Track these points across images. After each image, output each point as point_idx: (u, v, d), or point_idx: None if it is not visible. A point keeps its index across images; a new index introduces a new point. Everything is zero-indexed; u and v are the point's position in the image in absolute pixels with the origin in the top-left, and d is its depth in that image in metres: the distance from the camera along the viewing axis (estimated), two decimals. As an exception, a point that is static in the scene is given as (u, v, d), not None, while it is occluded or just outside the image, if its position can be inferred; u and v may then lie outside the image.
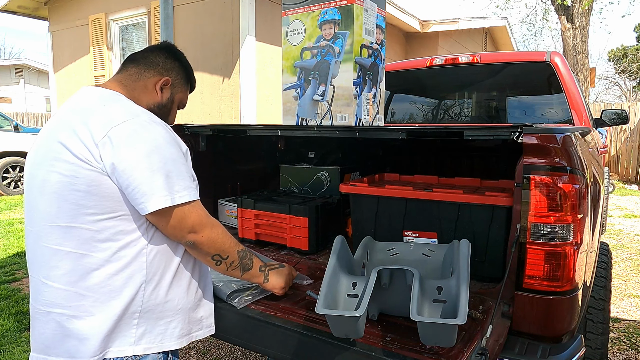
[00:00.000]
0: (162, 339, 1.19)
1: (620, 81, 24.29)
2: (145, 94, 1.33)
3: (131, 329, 1.14)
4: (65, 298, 1.12)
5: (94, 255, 1.11)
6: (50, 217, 1.12)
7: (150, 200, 1.08)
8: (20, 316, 3.04)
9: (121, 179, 1.08)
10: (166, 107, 1.39)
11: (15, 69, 25.03)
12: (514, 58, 3.41)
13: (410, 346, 1.19)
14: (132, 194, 1.09)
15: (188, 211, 1.14)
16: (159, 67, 1.35)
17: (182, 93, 1.44)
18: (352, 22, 1.75)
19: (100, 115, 1.12)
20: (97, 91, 1.24)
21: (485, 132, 1.42)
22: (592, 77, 10.70)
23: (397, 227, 1.86)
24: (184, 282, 1.24)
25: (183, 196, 1.13)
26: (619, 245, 5.02)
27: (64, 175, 1.09)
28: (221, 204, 2.44)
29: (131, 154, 1.08)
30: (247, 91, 6.04)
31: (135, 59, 1.35)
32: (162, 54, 1.37)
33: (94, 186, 1.08)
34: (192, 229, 1.16)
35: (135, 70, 1.32)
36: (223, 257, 1.25)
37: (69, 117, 1.15)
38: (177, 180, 1.13)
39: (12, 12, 8.74)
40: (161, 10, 3.88)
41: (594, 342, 1.77)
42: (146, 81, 1.33)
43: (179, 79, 1.41)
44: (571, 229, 1.26)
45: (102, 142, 1.08)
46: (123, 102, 1.20)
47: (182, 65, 1.42)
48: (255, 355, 2.65)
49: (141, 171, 1.08)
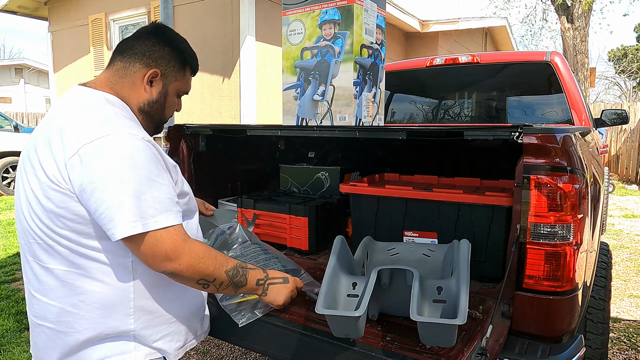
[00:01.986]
0: (159, 351, 1.15)
1: (620, 81, 24.29)
2: (133, 92, 1.19)
3: (126, 343, 1.10)
4: (53, 313, 1.09)
5: (78, 272, 1.06)
6: (32, 234, 1.08)
7: (118, 226, 0.97)
8: (20, 316, 3.04)
9: (89, 202, 0.99)
10: (159, 103, 1.24)
11: (15, 69, 25.01)
12: (514, 58, 3.41)
13: (410, 346, 1.19)
14: (100, 218, 0.99)
15: (161, 237, 1.01)
16: (144, 57, 1.19)
17: (178, 81, 1.27)
18: (352, 22, 1.75)
19: (76, 129, 1.02)
20: (86, 94, 1.14)
21: (485, 132, 1.42)
22: (592, 77, 10.69)
23: (397, 227, 1.86)
24: (176, 294, 1.19)
25: (157, 221, 1.00)
26: (619, 245, 5.02)
27: (39, 195, 1.04)
28: (221, 204, 2.44)
29: (100, 174, 0.98)
30: (247, 91, 6.04)
31: (121, 49, 1.21)
32: (149, 41, 1.20)
33: (64, 208, 1.01)
34: (167, 257, 1.02)
35: (121, 65, 1.19)
36: (209, 280, 1.12)
37: (52, 125, 1.07)
38: (151, 203, 1.00)
39: (12, 12, 8.74)
40: (161, 10, 3.88)
41: (594, 342, 1.77)
42: (133, 76, 1.19)
43: (171, 66, 1.23)
44: (571, 229, 1.26)
45: (71, 161, 0.99)
46: (105, 111, 1.07)
47: (174, 49, 1.24)
48: (255, 355, 2.65)
49: (110, 193, 0.97)
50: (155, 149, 1.08)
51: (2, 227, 5.49)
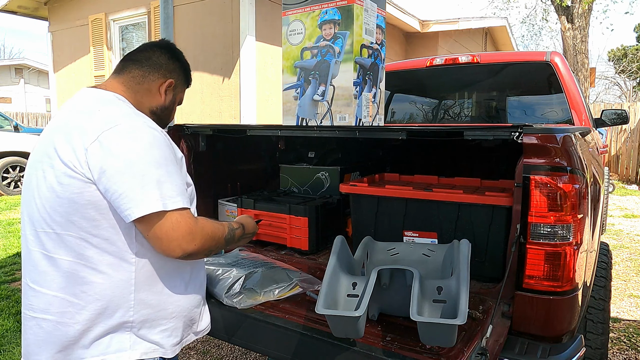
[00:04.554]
0: (157, 345, 1.16)
1: (620, 81, 24.28)
2: (148, 97, 1.32)
3: (125, 336, 1.12)
4: (52, 304, 1.10)
5: (81, 263, 1.09)
6: (42, 223, 1.11)
7: (139, 204, 1.02)
8: (20, 316, 3.04)
9: (109, 184, 1.03)
10: (168, 109, 1.39)
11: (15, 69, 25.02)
12: (514, 58, 3.41)
13: (410, 346, 1.19)
14: (119, 199, 1.03)
15: (177, 220, 1.06)
16: (162, 69, 1.34)
17: (182, 92, 1.46)
18: (352, 22, 1.75)
19: (94, 118, 1.10)
20: (97, 93, 1.22)
21: (485, 132, 1.42)
22: (592, 77, 10.69)
23: (397, 227, 1.86)
24: (178, 288, 1.20)
25: (176, 202, 1.07)
26: (619, 245, 5.02)
27: (53, 183, 1.08)
28: (221, 204, 2.44)
29: (122, 157, 1.04)
30: (247, 91, 6.04)
31: (137, 59, 1.33)
32: (164, 55, 1.36)
33: (77, 194, 1.05)
34: (184, 239, 1.07)
35: (139, 73, 1.31)
36: (214, 251, 1.21)
37: (67, 120, 1.14)
38: (169, 186, 1.07)
39: (12, 12, 8.74)
40: (161, 10, 3.88)
41: (594, 342, 1.77)
42: (150, 84, 1.32)
43: (180, 79, 1.41)
44: (571, 229, 1.26)
45: (92, 146, 1.05)
46: (120, 105, 1.18)
47: (182, 65, 1.42)
48: (255, 355, 2.65)
49: (131, 175, 1.03)
50: (169, 140, 1.16)
51: (2, 227, 5.48)
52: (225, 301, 1.43)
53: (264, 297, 1.47)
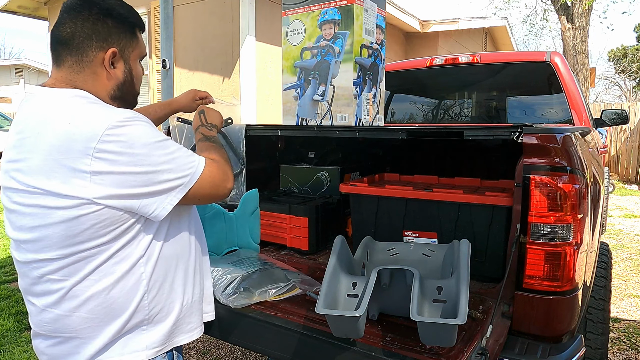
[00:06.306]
0: (171, 337, 1.15)
1: (620, 81, 24.28)
2: (98, 82, 1.08)
3: (141, 337, 1.09)
4: (55, 320, 1.04)
5: (83, 272, 1.01)
6: None
7: (171, 194, 1.03)
8: (20, 316, 3.04)
9: (128, 202, 0.98)
10: (127, 81, 1.14)
11: (15, 69, 25.03)
12: (514, 58, 3.41)
13: (410, 346, 1.19)
14: (146, 207, 1.01)
15: (209, 172, 1.09)
16: (92, 40, 1.05)
17: (135, 48, 1.14)
18: (352, 22, 1.75)
19: (68, 137, 0.93)
20: (55, 96, 1.02)
21: (485, 132, 1.42)
22: (592, 77, 10.69)
23: (397, 227, 1.86)
24: (189, 280, 1.19)
25: (200, 162, 1.09)
26: (619, 245, 5.02)
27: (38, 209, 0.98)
28: (221, 204, 2.44)
29: (129, 169, 0.96)
30: (247, 91, 6.04)
31: (62, 41, 1.05)
32: (88, 21, 1.04)
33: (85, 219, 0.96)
34: (222, 182, 1.13)
35: (72, 60, 1.05)
36: None
37: (30, 142, 0.97)
38: (182, 159, 1.05)
39: (12, 12, 8.74)
40: (161, 10, 3.88)
41: (594, 342, 1.77)
42: (91, 66, 1.06)
43: (123, 37, 1.10)
44: (571, 229, 1.26)
45: (90, 173, 0.93)
46: (86, 109, 0.99)
47: (117, 18, 1.09)
48: (255, 355, 2.65)
49: (146, 181, 0.99)
50: (151, 124, 1.05)
51: (2, 227, 5.49)
52: (222, 300, 1.43)
53: (259, 297, 1.47)
